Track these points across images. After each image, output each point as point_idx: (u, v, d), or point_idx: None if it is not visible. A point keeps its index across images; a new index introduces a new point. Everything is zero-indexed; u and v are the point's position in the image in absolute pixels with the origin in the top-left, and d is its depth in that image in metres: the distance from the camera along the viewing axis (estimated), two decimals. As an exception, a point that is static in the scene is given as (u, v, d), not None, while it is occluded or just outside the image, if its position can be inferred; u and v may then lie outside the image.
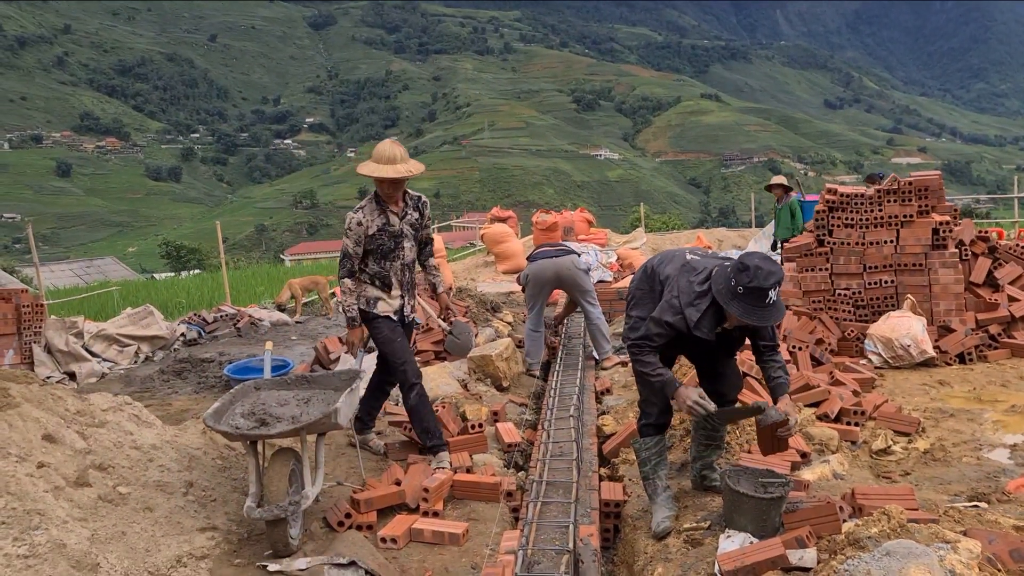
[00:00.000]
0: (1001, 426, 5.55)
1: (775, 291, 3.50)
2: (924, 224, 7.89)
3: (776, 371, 3.87)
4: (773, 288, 3.49)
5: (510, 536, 3.80)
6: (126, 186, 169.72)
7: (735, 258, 3.75)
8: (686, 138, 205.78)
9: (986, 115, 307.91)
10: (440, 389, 6.48)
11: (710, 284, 3.66)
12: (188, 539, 3.73)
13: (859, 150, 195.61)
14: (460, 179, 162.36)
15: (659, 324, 3.73)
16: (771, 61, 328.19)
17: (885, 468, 4.81)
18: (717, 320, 3.71)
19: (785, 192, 11.95)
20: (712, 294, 3.63)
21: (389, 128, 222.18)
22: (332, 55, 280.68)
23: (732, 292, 3.53)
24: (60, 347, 9.20)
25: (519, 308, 11.06)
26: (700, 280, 3.72)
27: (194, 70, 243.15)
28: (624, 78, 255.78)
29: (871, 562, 2.34)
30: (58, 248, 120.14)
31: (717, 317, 3.70)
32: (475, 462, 4.97)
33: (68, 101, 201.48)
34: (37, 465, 3.52)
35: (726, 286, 3.56)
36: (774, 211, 12.35)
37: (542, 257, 7.49)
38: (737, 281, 3.51)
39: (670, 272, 3.87)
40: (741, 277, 3.50)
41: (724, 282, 3.58)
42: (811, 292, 8.18)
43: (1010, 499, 3.92)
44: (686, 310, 3.69)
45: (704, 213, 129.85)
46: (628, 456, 5.11)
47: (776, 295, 3.52)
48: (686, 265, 3.84)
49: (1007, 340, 7.66)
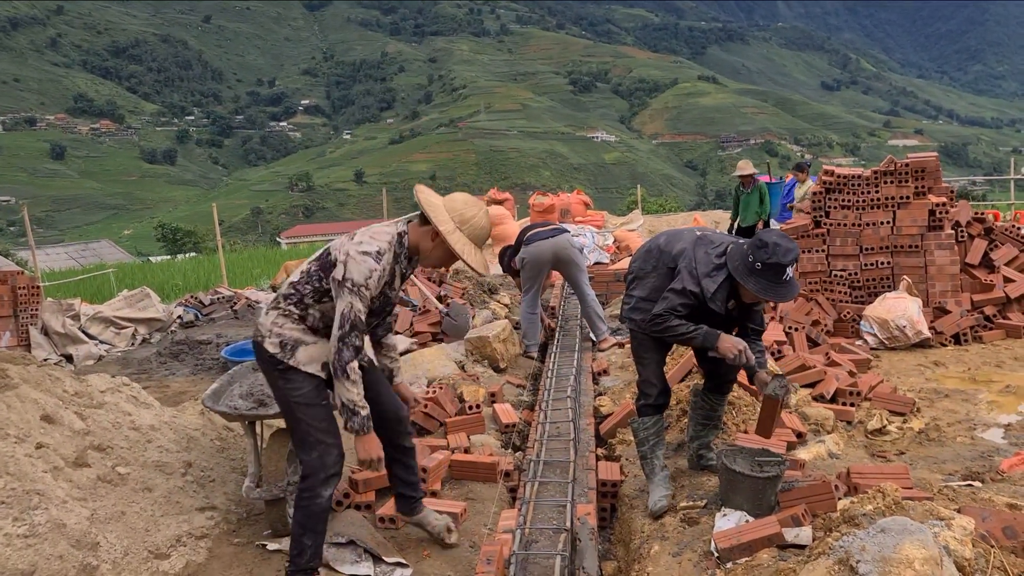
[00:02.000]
0: (995, 406, 5.59)
1: (792, 268, 3.52)
2: (921, 205, 7.89)
3: (758, 355, 3.89)
4: (791, 265, 3.50)
5: (508, 515, 3.82)
6: (121, 169, 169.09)
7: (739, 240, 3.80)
8: (683, 120, 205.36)
9: (983, 97, 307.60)
10: (438, 371, 6.49)
11: (726, 259, 3.66)
12: (187, 519, 3.75)
13: (856, 132, 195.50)
14: (456, 162, 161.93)
15: (682, 294, 3.71)
16: (768, 43, 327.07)
17: (880, 448, 4.84)
18: (730, 295, 3.72)
19: (752, 179, 11.99)
20: (728, 269, 3.63)
21: (385, 110, 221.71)
22: (327, 36, 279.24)
23: (750, 268, 3.52)
24: (57, 329, 9.20)
25: (516, 290, 11.06)
26: (718, 253, 3.73)
27: (188, 51, 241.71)
28: (621, 60, 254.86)
29: (866, 539, 2.36)
30: (53, 231, 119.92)
31: (730, 292, 3.71)
32: (473, 443, 4.99)
33: (62, 83, 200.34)
34: (36, 446, 3.53)
35: (743, 263, 3.56)
36: (736, 197, 12.27)
37: (538, 239, 7.45)
38: (755, 257, 3.50)
39: (683, 247, 3.85)
40: (760, 253, 3.49)
41: (741, 259, 3.58)
42: (808, 273, 8.19)
43: (1004, 478, 3.95)
44: (703, 280, 3.69)
45: (701, 195, 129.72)
46: (625, 436, 5.13)
47: (792, 272, 3.54)
48: (703, 238, 3.83)
49: (1002, 321, 7.69)
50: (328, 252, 3.31)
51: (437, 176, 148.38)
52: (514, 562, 3.35)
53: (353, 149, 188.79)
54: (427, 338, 7.78)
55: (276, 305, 3.35)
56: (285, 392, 3.28)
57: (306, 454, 3.30)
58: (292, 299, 3.31)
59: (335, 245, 3.31)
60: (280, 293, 3.38)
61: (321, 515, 3.29)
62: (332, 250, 3.29)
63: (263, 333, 3.32)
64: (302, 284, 3.31)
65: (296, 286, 3.32)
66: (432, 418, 5.36)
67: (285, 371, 3.27)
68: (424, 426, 5.33)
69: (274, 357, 3.26)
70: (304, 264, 3.38)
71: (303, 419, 3.29)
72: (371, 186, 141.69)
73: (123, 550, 3.35)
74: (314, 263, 3.33)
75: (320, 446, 3.30)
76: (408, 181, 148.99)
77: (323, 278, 3.28)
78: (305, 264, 3.37)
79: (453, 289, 8.95)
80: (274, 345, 3.27)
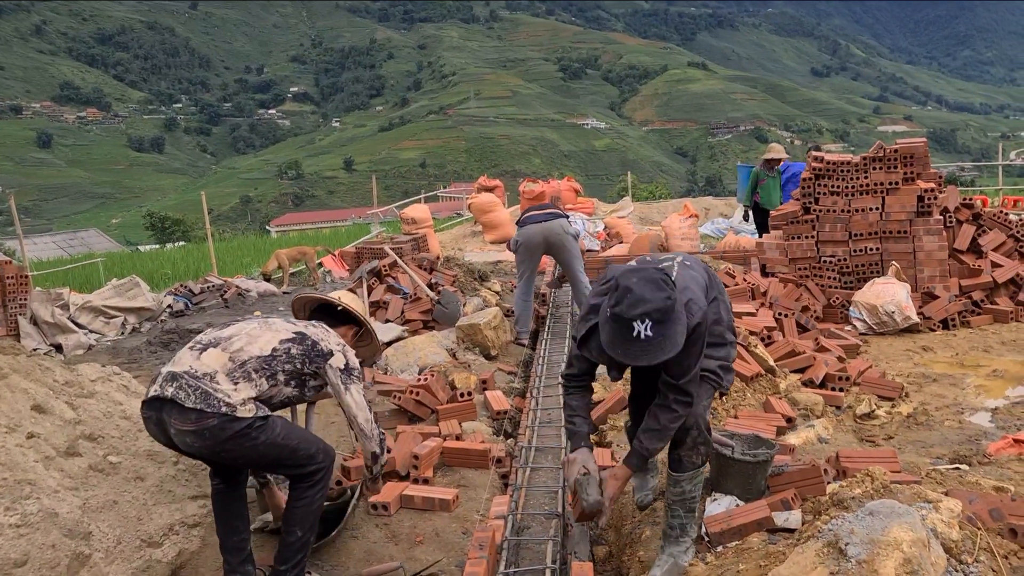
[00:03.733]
0: (983, 390, 5.64)
1: (644, 324, 2.68)
2: (909, 191, 7.92)
3: (649, 423, 3.07)
4: (639, 320, 2.67)
5: (500, 501, 3.84)
6: (108, 157, 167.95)
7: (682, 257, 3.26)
8: (673, 107, 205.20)
9: (972, 83, 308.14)
10: (429, 358, 6.50)
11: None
12: (180, 507, 3.75)
13: (845, 118, 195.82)
14: (446, 149, 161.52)
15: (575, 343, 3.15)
16: (758, 29, 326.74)
17: (869, 432, 4.88)
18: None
19: (778, 163, 11.87)
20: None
21: (374, 97, 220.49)
22: (316, 23, 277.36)
23: (605, 313, 2.80)
24: (46, 319, 9.16)
25: (507, 277, 11.08)
26: (601, 288, 3.03)
27: (175, 38, 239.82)
28: (611, 46, 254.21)
29: (855, 522, 2.38)
30: (40, 220, 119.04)
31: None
32: (464, 430, 5.00)
33: (47, 71, 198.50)
34: (27, 436, 3.52)
35: (607, 304, 2.82)
36: (754, 181, 12.00)
37: (531, 222, 7.45)
38: (609, 300, 2.79)
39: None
40: (610, 298, 2.78)
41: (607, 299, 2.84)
42: (797, 259, 8.23)
43: (990, 461, 3.99)
44: (578, 323, 3.15)
45: (691, 182, 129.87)
46: (615, 423, 5.15)
47: (650, 330, 2.68)
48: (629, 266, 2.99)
49: (990, 306, 7.74)
50: (311, 340, 3.38)
51: (427, 163, 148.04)
52: (506, 547, 3.37)
53: (342, 137, 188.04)
54: (418, 326, 7.78)
55: (245, 377, 3.18)
56: (268, 440, 3.14)
57: (312, 459, 3.31)
58: (265, 373, 3.23)
59: (316, 335, 3.42)
60: (246, 368, 3.19)
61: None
62: (317, 340, 3.40)
63: (232, 405, 3.05)
64: (279, 362, 3.28)
65: (269, 362, 3.25)
66: (424, 405, 5.36)
67: (262, 421, 3.14)
68: (416, 413, 5.34)
69: (250, 421, 3.09)
70: (271, 343, 3.30)
71: (295, 443, 3.26)
72: (360, 174, 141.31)
73: (115, 539, 3.35)
74: (292, 345, 3.32)
75: (316, 443, 3.37)
76: (398, 168, 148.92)
77: (307, 363, 3.34)
78: (274, 344, 3.30)
79: (444, 277, 8.94)
80: (249, 410, 3.10)
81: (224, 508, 3.38)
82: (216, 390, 3.07)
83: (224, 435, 3.03)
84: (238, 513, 3.40)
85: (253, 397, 3.15)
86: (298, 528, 3.28)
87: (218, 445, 3.05)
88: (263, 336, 3.31)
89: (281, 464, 3.26)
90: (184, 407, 3.01)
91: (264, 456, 3.19)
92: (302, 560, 3.31)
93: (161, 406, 3.08)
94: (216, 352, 3.21)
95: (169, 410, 3.05)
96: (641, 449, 3.08)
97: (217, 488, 3.39)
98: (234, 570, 3.35)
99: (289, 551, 3.27)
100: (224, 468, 3.38)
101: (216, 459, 3.21)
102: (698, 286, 3.08)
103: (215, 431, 3.02)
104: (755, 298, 7.64)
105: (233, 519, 3.38)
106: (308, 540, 3.32)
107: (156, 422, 3.13)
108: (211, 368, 3.12)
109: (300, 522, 3.28)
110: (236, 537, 3.37)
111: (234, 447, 3.08)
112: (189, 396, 3.02)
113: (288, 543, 3.27)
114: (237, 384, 3.14)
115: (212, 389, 3.06)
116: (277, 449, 3.18)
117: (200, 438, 3.03)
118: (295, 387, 3.35)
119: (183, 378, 3.08)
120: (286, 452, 3.22)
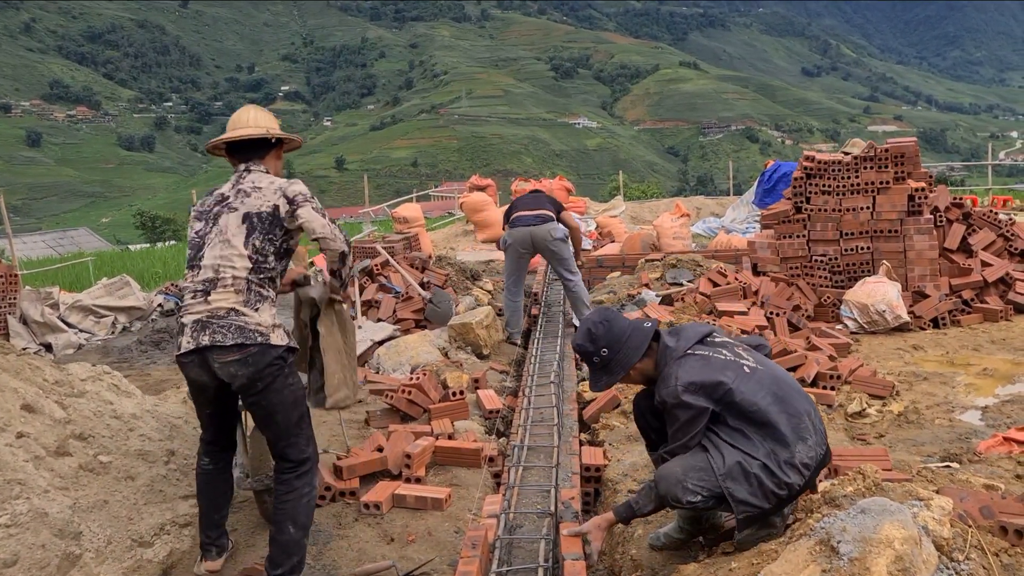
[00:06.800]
0: (973, 389, 5.67)
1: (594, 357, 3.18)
2: (900, 191, 7.95)
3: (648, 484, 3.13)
4: (580, 353, 3.28)
5: (492, 500, 3.83)
6: (98, 156, 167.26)
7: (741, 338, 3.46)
8: (664, 106, 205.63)
9: (961, 83, 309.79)
10: (421, 357, 6.49)
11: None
12: (171, 507, 3.73)
13: (836, 118, 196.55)
14: (438, 148, 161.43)
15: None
16: (749, 29, 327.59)
17: (860, 430, 4.89)
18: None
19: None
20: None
21: (365, 96, 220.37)
22: (307, 22, 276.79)
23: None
24: (35, 318, 9.11)
25: (499, 276, 11.06)
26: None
27: (166, 37, 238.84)
28: (602, 45, 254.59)
29: (846, 519, 2.39)
30: (30, 219, 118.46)
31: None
32: (457, 429, 5.00)
33: (37, 69, 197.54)
34: (16, 435, 3.50)
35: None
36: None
37: (519, 223, 7.44)
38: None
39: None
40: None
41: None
42: (788, 258, 8.25)
43: (981, 459, 4.01)
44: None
45: (682, 181, 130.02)
46: (608, 421, 5.16)
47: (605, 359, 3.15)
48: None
49: (980, 305, 7.78)
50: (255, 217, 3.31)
51: (419, 162, 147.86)
52: (499, 546, 3.36)
53: (334, 136, 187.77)
54: (410, 324, 7.77)
55: (258, 297, 3.25)
56: (292, 389, 3.31)
57: (308, 445, 3.38)
58: (264, 279, 3.30)
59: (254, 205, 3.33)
60: (251, 288, 3.24)
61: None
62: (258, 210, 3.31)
63: (265, 333, 3.19)
64: (263, 260, 3.29)
65: (259, 267, 3.28)
66: (416, 404, 5.36)
67: (288, 366, 3.28)
68: (408, 412, 5.33)
69: (285, 351, 3.24)
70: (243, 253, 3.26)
71: (303, 410, 3.38)
72: (352, 173, 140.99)
73: (106, 539, 3.33)
74: (254, 238, 3.29)
75: (311, 434, 3.43)
76: (390, 167, 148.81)
77: (274, 237, 3.32)
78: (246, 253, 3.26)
79: (436, 276, 8.93)
80: (281, 336, 3.24)
81: (210, 487, 3.47)
82: (247, 323, 3.18)
83: (265, 360, 3.17)
84: (223, 491, 3.52)
85: (278, 324, 3.26)
86: (289, 524, 3.23)
87: (259, 372, 3.17)
88: (231, 252, 3.27)
89: (288, 429, 3.31)
90: (226, 346, 3.14)
91: (283, 404, 3.26)
92: (299, 564, 3.23)
93: (201, 351, 3.18)
94: (219, 291, 3.23)
95: (210, 351, 3.16)
96: (635, 505, 3.13)
97: (205, 469, 3.47)
98: (212, 543, 3.44)
99: (282, 553, 3.20)
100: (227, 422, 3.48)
101: (251, 390, 3.22)
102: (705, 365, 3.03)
103: (257, 357, 3.16)
104: (746, 297, 7.66)
105: (218, 497, 3.49)
106: (302, 541, 3.26)
107: (199, 364, 3.21)
108: (227, 304, 3.18)
109: (292, 517, 3.24)
110: (218, 514, 3.48)
111: (270, 376, 3.19)
112: (227, 336, 3.14)
113: (280, 543, 3.21)
114: (257, 309, 3.24)
115: (244, 323, 3.18)
116: (293, 404, 3.30)
117: (244, 365, 3.15)
118: (285, 263, 3.44)
119: (212, 323, 3.17)
120: (295, 416, 3.31)
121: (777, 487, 2.86)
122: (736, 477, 2.85)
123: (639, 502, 3.11)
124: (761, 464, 2.86)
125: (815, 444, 2.96)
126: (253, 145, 3.53)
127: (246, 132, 3.49)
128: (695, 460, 2.92)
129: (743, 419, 2.91)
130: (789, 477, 2.87)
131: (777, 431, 2.90)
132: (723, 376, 2.93)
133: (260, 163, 3.52)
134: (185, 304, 3.30)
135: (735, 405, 2.91)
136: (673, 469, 2.93)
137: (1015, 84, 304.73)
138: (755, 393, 2.93)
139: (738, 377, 2.95)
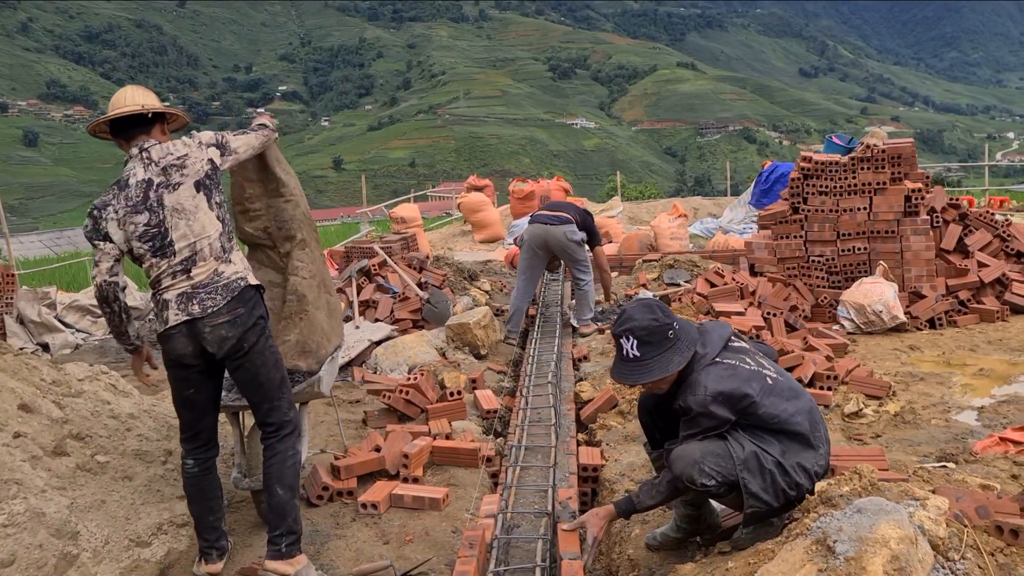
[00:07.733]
0: (969, 389, 5.68)
1: (630, 343, 2.97)
2: (897, 191, 7.97)
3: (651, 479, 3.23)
4: (624, 337, 2.99)
5: (490, 500, 3.84)
6: (95, 155, 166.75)
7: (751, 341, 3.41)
8: (662, 107, 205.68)
9: (958, 84, 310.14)
10: (418, 357, 6.49)
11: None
12: (168, 507, 3.73)
13: (833, 119, 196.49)
14: (435, 148, 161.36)
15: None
16: (747, 29, 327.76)
17: (857, 431, 4.90)
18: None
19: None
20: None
21: (363, 97, 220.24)
22: (304, 22, 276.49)
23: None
24: (32, 318, 9.10)
25: (496, 277, 11.07)
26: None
27: (163, 36, 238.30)
28: (600, 46, 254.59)
29: (843, 519, 2.39)
30: (27, 219, 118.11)
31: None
32: (454, 429, 5.00)
33: (33, 68, 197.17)
34: (13, 435, 3.50)
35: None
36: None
37: (536, 221, 7.58)
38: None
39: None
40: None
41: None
42: (786, 259, 8.26)
43: (977, 459, 4.02)
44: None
45: (680, 182, 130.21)
46: (605, 421, 5.17)
47: (636, 349, 2.97)
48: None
49: (976, 305, 7.79)
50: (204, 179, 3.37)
51: (416, 163, 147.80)
52: (496, 546, 3.37)
53: (331, 136, 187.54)
54: (408, 325, 7.77)
55: (229, 249, 3.39)
56: (273, 351, 3.45)
57: (290, 409, 3.49)
58: (229, 231, 3.45)
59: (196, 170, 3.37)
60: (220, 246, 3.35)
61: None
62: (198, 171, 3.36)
63: (241, 275, 3.37)
64: (224, 215, 3.42)
65: (224, 222, 3.41)
66: (413, 405, 5.36)
67: (265, 324, 3.41)
68: (406, 412, 5.33)
69: (259, 297, 3.41)
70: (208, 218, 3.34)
71: (285, 376, 3.52)
72: (350, 173, 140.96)
73: (103, 538, 3.33)
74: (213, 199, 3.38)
75: (292, 400, 3.56)
76: (387, 168, 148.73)
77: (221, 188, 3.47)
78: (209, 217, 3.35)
79: (433, 276, 8.93)
80: (255, 277, 3.46)
81: (199, 491, 3.49)
82: (229, 277, 3.32)
83: (249, 321, 3.30)
84: (213, 494, 3.53)
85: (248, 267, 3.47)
86: (277, 486, 3.33)
87: (245, 333, 3.29)
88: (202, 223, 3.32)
89: (271, 391, 3.41)
90: (217, 310, 3.25)
91: (265, 365, 3.37)
92: (295, 526, 3.32)
93: (191, 322, 3.26)
94: (199, 265, 3.31)
95: (200, 320, 3.25)
96: (636, 500, 3.16)
97: (190, 472, 3.48)
98: (212, 545, 3.46)
99: (276, 516, 3.31)
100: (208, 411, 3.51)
101: (238, 353, 3.31)
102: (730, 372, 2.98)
103: (243, 318, 3.28)
104: (744, 297, 7.67)
105: (209, 500, 3.51)
106: (292, 501, 3.35)
107: (187, 334, 3.29)
108: (208, 270, 3.28)
109: (278, 479, 3.34)
110: (213, 516, 3.50)
111: (254, 336, 3.31)
112: (216, 298, 3.27)
113: (272, 505, 3.33)
114: (230, 260, 3.38)
115: (227, 280, 3.31)
116: (275, 364, 3.43)
117: (233, 326, 3.26)
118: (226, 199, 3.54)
119: (199, 292, 3.28)
120: (278, 377, 3.43)
121: (788, 487, 2.89)
122: (752, 469, 2.88)
123: (640, 497, 3.13)
124: (776, 461, 2.89)
125: (824, 454, 3.02)
126: (136, 123, 3.44)
127: (127, 110, 3.41)
128: (713, 446, 2.92)
129: (761, 426, 2.95)
130: (800, 479, 2.90)
131: (794, 437, 2.95)
132: (749, 388, 2.93)
133: (149, 139, 3.44)
134: (164, 285, 3.32)
135: (756, 417, 2.93)
136: (691, 450, 2.93)
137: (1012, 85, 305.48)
138: (776, 406, 2.95)
139: (762, 389, 2.95)
